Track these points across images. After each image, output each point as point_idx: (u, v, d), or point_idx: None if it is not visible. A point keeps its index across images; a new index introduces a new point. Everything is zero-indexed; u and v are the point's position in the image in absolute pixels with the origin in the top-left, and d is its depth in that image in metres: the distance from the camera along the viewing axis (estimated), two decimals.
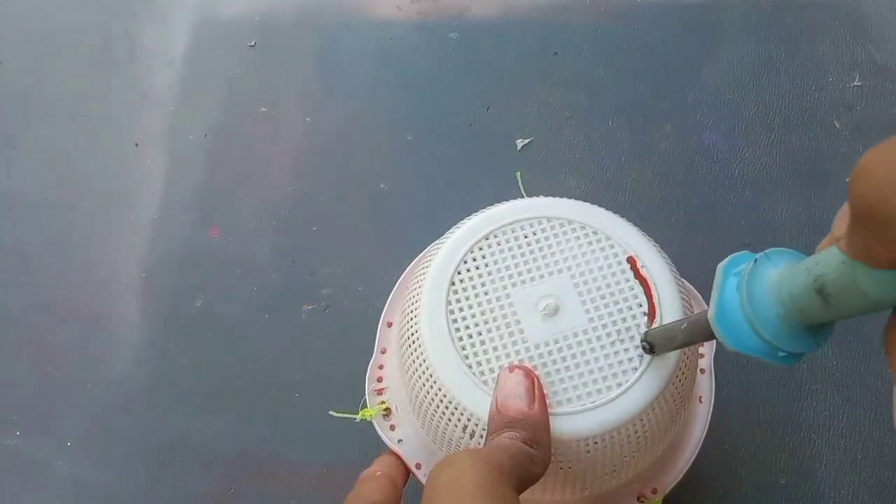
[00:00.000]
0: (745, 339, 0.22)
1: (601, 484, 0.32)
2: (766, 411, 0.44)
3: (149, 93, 0.58)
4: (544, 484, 0.30)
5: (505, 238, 0.33)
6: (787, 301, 0.21)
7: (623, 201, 0.51)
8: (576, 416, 0.29)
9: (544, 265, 0.32)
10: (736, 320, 0.22)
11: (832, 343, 0.46)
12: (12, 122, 0.58)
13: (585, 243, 0.33)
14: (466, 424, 0.30)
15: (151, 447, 0.46)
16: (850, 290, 0.18)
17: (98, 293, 0.51)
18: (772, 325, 0.21)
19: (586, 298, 0.31)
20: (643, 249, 0.33)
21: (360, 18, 0.60)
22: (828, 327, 0.22)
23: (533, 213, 0.34)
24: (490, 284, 0.32)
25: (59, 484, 0.45)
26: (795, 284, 0.20)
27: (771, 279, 0.21)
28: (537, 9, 0.59)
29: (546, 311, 0.31)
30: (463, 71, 0.57)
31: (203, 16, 0.61)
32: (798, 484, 0.43)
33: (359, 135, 0.55)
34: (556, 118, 0.54)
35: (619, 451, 0.30)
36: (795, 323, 0.21)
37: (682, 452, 0.35)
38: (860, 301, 0.18)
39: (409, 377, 0.32)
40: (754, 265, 0.22)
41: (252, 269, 0.50)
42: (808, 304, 0.20)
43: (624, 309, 0.31)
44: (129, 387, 0.48)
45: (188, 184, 0.54)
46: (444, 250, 0.33)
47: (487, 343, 0.31)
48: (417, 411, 0.32)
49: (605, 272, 0.32)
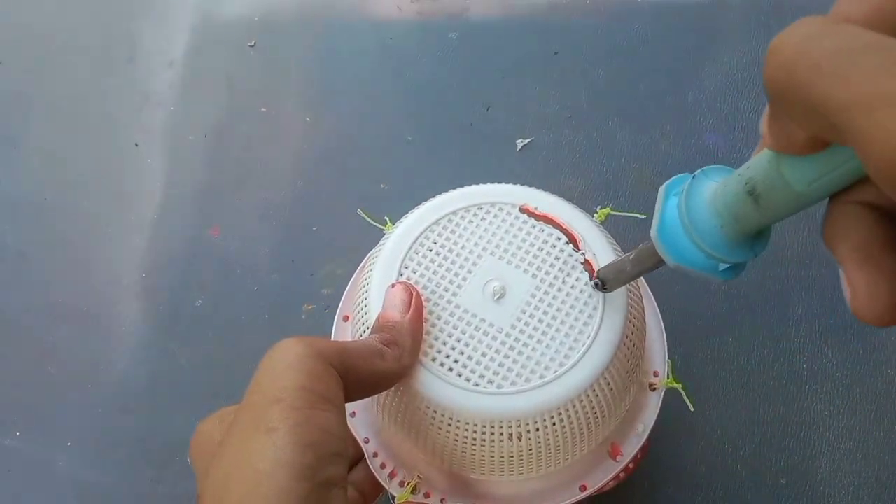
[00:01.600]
0: (686, 253, 0.23)
1: (578, 451, 0.32)
2: (766, 411, 0.44)
3: (149, 93, 0.58)
4: (529, 461, 0.31)
5: (448, 227, 0.34)
6: (722, 211, 0.21)
7: (623, 201, 0.51)
8: (549, 385, 0.30)
9: (488, 250, 0.33)
10: (676, 235, 0.23)
11: (832, 343, 0.46)
12: (12, 122, 0.58)
13: (519, 223, 0.34)
14: (419, 406, 0.30)
15: (151, 447, 0.46)
16: (778, 186, 0.19)
17: (98, 293, 0.51)
18: (710, 235, 0.22)
19: (530, 272, 0.32)
20: (555, 204, 0.34)
21: (360, 18, 0.60)
22: (764, 237, 0.23)
23: (472, 200, 0.34)
24: (438, 270, 0.33)
25: (59, 484, 0.45)
26: (729, 192, 0.21)
27: (708, 192, 0.22)
28: (537, 9, 0.59)
29: (496, 295, 0.32)
30: (463, 71, 0.57)
31: (203, 16, 0.61)
32: (798, 484, 0.43)
33: (359, 135, 0.55)
34: (556, 118, 0.54)
35: (596, 410, 0.31)
36: (732, 232, 0.22)
37: (646, 405, 0.36)
38: (788, 196, 0.19)
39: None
40: (692, 181, 0.23)
41: (252, 269, 0.50)
42: (742, 209, 0.21)
43: (565, 269, 0.33)
44: (129, 387, 0.48)
45: (188, 184, 0.54)
46: (391, 241, 0.34)
47: (436, 328, 0.31)
48: (375, 401, 0.33)
49: (538, 242, 0.33)
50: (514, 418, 0.30)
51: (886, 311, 0.17)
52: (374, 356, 0.27)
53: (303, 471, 0.22)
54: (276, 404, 0.23)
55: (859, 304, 0.17)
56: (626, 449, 0.34)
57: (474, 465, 0.32)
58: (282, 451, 0.22)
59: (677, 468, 0.43)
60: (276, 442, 0.22)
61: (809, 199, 0.19)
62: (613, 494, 0.43)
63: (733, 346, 0.46)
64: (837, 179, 0.17)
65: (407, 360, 0.29)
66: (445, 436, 0.31)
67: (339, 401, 0.25)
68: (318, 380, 0.24)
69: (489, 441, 0.30)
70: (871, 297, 0.17)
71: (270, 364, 0.25)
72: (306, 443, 0.22)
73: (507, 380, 0.30)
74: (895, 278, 0.17)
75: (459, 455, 0.31)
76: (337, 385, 0.25)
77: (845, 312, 0.46)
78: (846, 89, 0.14)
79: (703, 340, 0.46)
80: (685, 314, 0.47)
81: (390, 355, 0.28)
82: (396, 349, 0.29)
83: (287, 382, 0.24)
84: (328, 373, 0.25)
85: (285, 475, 0.22)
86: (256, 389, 0.24)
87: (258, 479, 0.22)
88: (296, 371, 0.24)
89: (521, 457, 0.31)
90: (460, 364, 0.30)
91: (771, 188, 0.19)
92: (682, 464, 0.43)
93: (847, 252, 0.18)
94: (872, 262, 0.17)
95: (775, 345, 0.46)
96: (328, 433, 0.23)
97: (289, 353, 0.25)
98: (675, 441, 0.44)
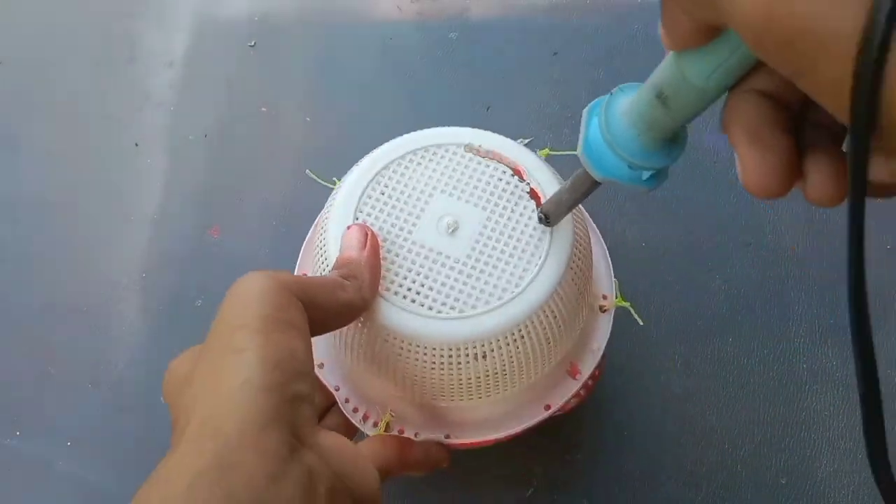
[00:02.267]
0: (609, 165, 0.25)
1: (540, 369, 0.34)
2: (766, 411, 0.45)
3: (149, 93, 0.58)
4: (490, 381, 0.33)
5: (398, 171, 0.35)
6: (637, 120, 0.23)
7: (623, 201, 0.51)
8: (507, 305, 0.32)
9: (438, 188, 0.35)
10: (600, 150, 0.24)
11: (832, 343, 0.46)
12: (12, 122, 0.58)
13: (466, 161, 0.36)
14: (387, 338, 0.32)
15: (151, 447, 0.46)
16: (681, 85, 0.20)
17: (98, 293, 0.51)
18: (629, 144, 0.24)
19: (479, 205, 0.34)
20: (513, 149, 0.36)
21: (360, 18, 0.60)
22: (680, 142, 0.24)
23: (419, 143, 0.36)
24: (392, 211, 0.34)
25: (59, 484, 0.45)
26: (642, 101, 0.22)
27: (624, 104, 0.24)
28: (537, 9, 0.59)
29: (449, 229, 0.34)
30: (463, 71, 0.57)
31: (203, 16, 0.61)
32: (798, 484, 0.43)
33: (359, 135, 0.55)
34: (556, 118, 0.54)
35: (553, 326, 0.33)
36: (648, 139, 0.23)
37: (598, 326, 0.38)
38: (690, 94, 0.20)
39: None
40: (610, 98, 0.24)
41: (252, 269, 0.50)
42: (653, 113, 0.22)
43: (513, 199, 0.34)
44: (129, 387, 0.48)
45: (188, 184, 0.54)
46: (345, 188, 0.35)
47: (395, 264, 0.33)
48: (336, 336, 0.35)
49: (485, 177, 0.35)
50: (477, 339, 0.31)
51: (772, 182, 0.19)
52: (335, 288, 0.29)
53: (270, 385, 0.23)
54: (242, 329, 0.24)
55: (748, 178, 0.19)
56: (584, 367, 0.37)
57: (444, 391, 0.33)
58: (249, 369, 0.23)
59: (677, 467, 0.43)
60: (244, 360, 0.23)
61: (710, 95, 0.20)
62: (611, 490, 0.43)
63: (733, 346, 0.46)
64: (731, 70, 0.19)
65: (367, 293, 0.30)
66: (414, 364, 0.32)
67: (304, 328, 0.26)
68: (282, 309, 0.25)
69: (456, 364, 0.32)
70: (758, 172, 0.19)
71: (235, 296, 0.25)
72: (273, 361, 0.23)
73: (467, 304, 0.32)
74: (780, 153, 0.19)
75: (429, 383, 0.33)
76: (300, 313, 0.26)
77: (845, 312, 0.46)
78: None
79: (703, 340, 0.46)
80: (685, 314, 0.47)
81: (351, 287, 0.29)
82: (356, 281, 0.30)
83: (251, 311, 0.24)
84: (291, 302, 0.25)
85: (253, 389, 0.22)
86: (222, 319, 0.25)
87: (228, 395, 0.22)
88: (259, 301, 0.25)
89: (488, 377, 0.33)
90: (422, 295, 0.32)
91: (676, 89, 0.21)
92: (682, 463, 0.43)
93: (739, 133, 0.20)
94: (761, 140, 0.19)
95: (775, 345, 0.46)
96: (293, 354, 0.24)
97: (253, 285, 0.25)
98: (676, 441, 0.44)
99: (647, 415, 0.45)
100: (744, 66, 0.19)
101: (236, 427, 0.21)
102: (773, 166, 0.19)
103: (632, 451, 0.44)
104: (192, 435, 0.22)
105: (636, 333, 0.46)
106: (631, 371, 0.46)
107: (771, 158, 0.19)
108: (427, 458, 0.34)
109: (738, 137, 0.20)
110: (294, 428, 0.23)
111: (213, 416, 0.22)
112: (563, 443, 0.44)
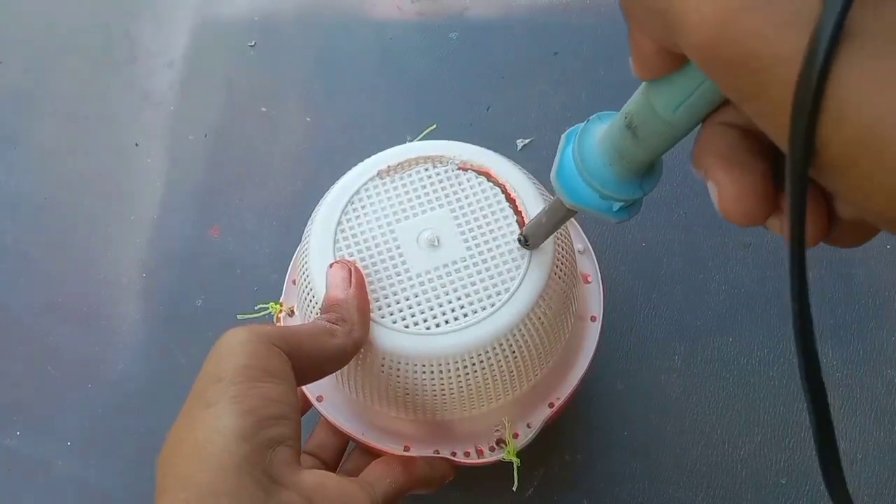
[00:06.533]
0: (581, 192, 0.24)
1: (510, 391, 0.34)
2: (766, 411, 0.44)
3: (149, 93, 0.58)
4: (451, 400, 0.33)
5: (382, 183, 0.36)
6: (609, 148, 0.23)
7: None
8: (476, 326, 0.32)
9: (418, 204, 0.35)
10: (572, 177, 0.24)
11: (832, 343, 0.46)
12: (12, 122, 0.58)
13: (465, 179, 0.36)
14: (383, 362, 0.32)
15: (151, 447, 0.46)
16: (650, 116, 0.20)
17: (98, 293, 0.51)
18: (599, 173, 0.23)
19: (464, 227, 0.34)
20: (504, 167, 0.36)
21: (360, 18, 0.60)
22: (653, 175, 0.24)
23: (407, 155, 0.36)
24: (375, 222, 0.35)
25: (59, 484, 0.45)
26: (614, 130, 0.22)
27: (598, 133, 0.23)
28: (537, 9, 0.59)
29: (429, 244, 0.34)
30: (463, 71, 0.57)
31: (203, 16, 0.61)
32: (798, 484, 0.43)
33: (359, 135, 0.55)
34: (556, 118, 0.54)
35: (522, 350, 0.33)
36: (620, 169, 0.23)
37: (583, 347, 0.38)
38: (658, 126, 0.20)
39: (305, 314, 0.35)
40: (586, 125, 0.24)
41: (252, 269, 0.50)
42: (623, 144, 0.22)
43: (499, 226, 0.34)
44: (129, 387, 0.48)
45: (188, 184, 0.54)
46: (330, 197, 0.36)
47: (373, 276, 0.33)
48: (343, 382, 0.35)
49: (478, 199, 0.35)
50: (473, 348, 0.31)
51: (751, 205, 0.18)
52: (323, 335, 0.28)
53: (241, 432, 0.23)
54: (217, 383, 0.24)
55: (726, 203, 0.18)
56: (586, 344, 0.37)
57: (446, 406, 0.33)
58: (219, 420, 0.23)
59: (677, 468, 0.43)
60: (215, 413, 0.23)
61: (678, 127, 0.20)
62: (611, 490, 0.43)
63: (733, 346, 0.46)
64: (698, 104, 0.18)
65: (357, 334, 0.30)
66: (413, 381, 0.32)
67: (285, 374, 0.26)
68: (259, 357, 0.25)
69: (455, 375, 0.32)
70: (736, 195, 0.18)
71: (215, 352, 0.26)
72: (245, 409, 0.23)
73: (457, 317, 0.32)
74: (756, 174, 0.18)
75: (431, 400, 0.33)
76: (280, 362, 0.26)
77: (845, 312, 0.47)
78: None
79: (703, 340, 0.46)
80: (685, 314, 0.47)
81: (340, 332, 0.29)
82: (345, 324, 0.29)
83: (227, 363, 0.25)
84: (270, 351, 0.26)
85: (224, 438, 0.23)
86: (201, 376, 0.25)
87: (199, 446, 0.23)
88: (237, 354, 0.25)
89: (488, 383, 0.33)
90: (411, 313, 0.32)
91: (644, 119, 0.20)
92: (682, 463, 0.43)
93: (713, 160, 0.18)
94: (738, 163, 0.18)
95: (775, 345, 0.46)
96: (269, 400, 0.24)
97: (231, 339, 0.26)
98: (676, 441, 0.44)
99: (646, 415, 0.45)
100: (710, 101, 0.18)
101: (209, 477, 0.22)
102: (753, 187, 0.18)
103: (632, 451, 0.44)
104: (168, 489, 0.22)
105: (636, 333, 0.46)
106: (631, 371, 0.46)
107: (749, 179, 0.18)
108: (433, 471, 0.34)
109: (711, 165, 0.19)
110: (270, 471, 0.23)
111: (186, 469, 0.22)
112: (563, 443, 0.44)
